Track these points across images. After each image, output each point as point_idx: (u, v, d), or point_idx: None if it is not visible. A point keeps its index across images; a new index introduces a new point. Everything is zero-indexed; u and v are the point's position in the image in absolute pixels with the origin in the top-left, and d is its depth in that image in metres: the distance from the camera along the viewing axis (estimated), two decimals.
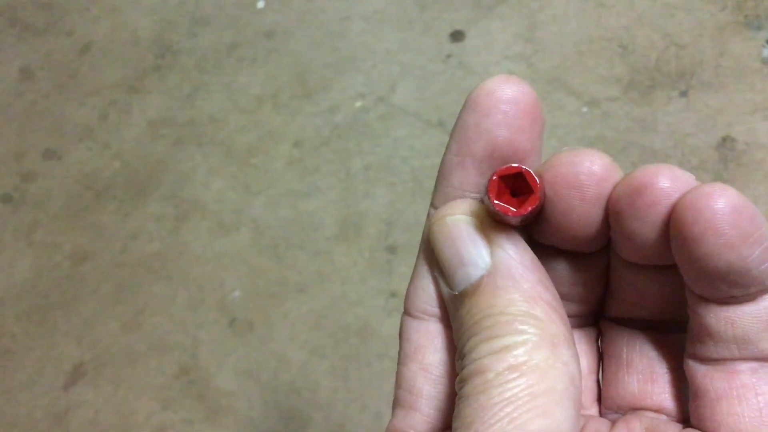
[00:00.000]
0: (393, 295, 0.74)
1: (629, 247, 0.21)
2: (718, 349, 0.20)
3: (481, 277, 0.20)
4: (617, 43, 0.81)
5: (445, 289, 0.21)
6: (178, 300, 0.78)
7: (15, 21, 1.01)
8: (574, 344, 0.20)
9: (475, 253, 0.20)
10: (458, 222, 0.21)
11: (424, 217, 0.23)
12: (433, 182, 0.79)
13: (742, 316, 0.20)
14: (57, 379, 0.76)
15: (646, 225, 0.20)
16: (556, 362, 0.19)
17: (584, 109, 0.77)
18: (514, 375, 0.18)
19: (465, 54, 0.85)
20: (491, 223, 0.21)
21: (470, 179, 0.22)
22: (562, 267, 0.23)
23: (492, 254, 0.20)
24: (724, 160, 0.72)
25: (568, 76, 0.80)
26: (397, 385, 0.22)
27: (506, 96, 0.21)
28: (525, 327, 0.19)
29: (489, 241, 0.20)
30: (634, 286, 0.23)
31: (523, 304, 0.19)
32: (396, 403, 0.22)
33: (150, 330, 0.77)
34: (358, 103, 0.85)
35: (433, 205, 0.23)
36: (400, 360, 0.23)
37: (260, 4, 0.95)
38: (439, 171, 0.23)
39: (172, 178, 0.85)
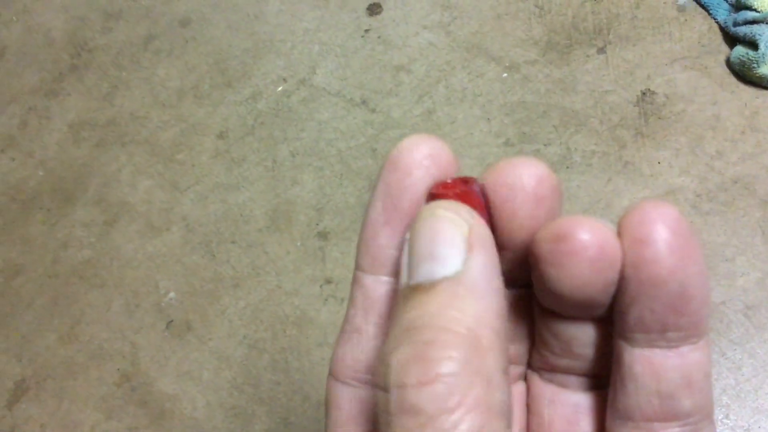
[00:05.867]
0: (328, 281, 0.73)
1: (546, 293, 0.20)
2: (640, 402, 0.20)
3: (443, 278, 0.19)
4: (533, 2, 0.79)
5: (403, 280, 0.20)
6: (113, 307, 0.77)
7: None
8: (506, 383, 0.18)
9: (449, 253, 0.19)
10: (446, 218, 0.20)
11: (353, 201, 0.22)
12: (359, 163, 0.76)
13: (669, 368, 0.19)
14: (0, 397, 0.75)
15: (563, 272, 0.19)
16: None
17: (504, 75, 0.76)
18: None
19: (383, 27, 0.83)
20: (481, 233, 0.20)
21: (398, 237, 0.21)
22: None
23: (466, 260, 0.19)
24: (645, 114, 0.71)
25: (487, 41, 0.78)
26: None
27: (425, 152, 0.21)
28: (455, 353, 0.17)
29: (469, 249, 0.19)
30: (556, 337, 0.22)
31: (472, 322, 0.18)
32: None
33: (88, 339, 0.76)
34: (280, 88, 0.83)
35: (360, 268, 0.22)
36: (329, 428, 0.22)
37: None
38: (362, 232, 0.22)
39: (97, 181, 0.83)
